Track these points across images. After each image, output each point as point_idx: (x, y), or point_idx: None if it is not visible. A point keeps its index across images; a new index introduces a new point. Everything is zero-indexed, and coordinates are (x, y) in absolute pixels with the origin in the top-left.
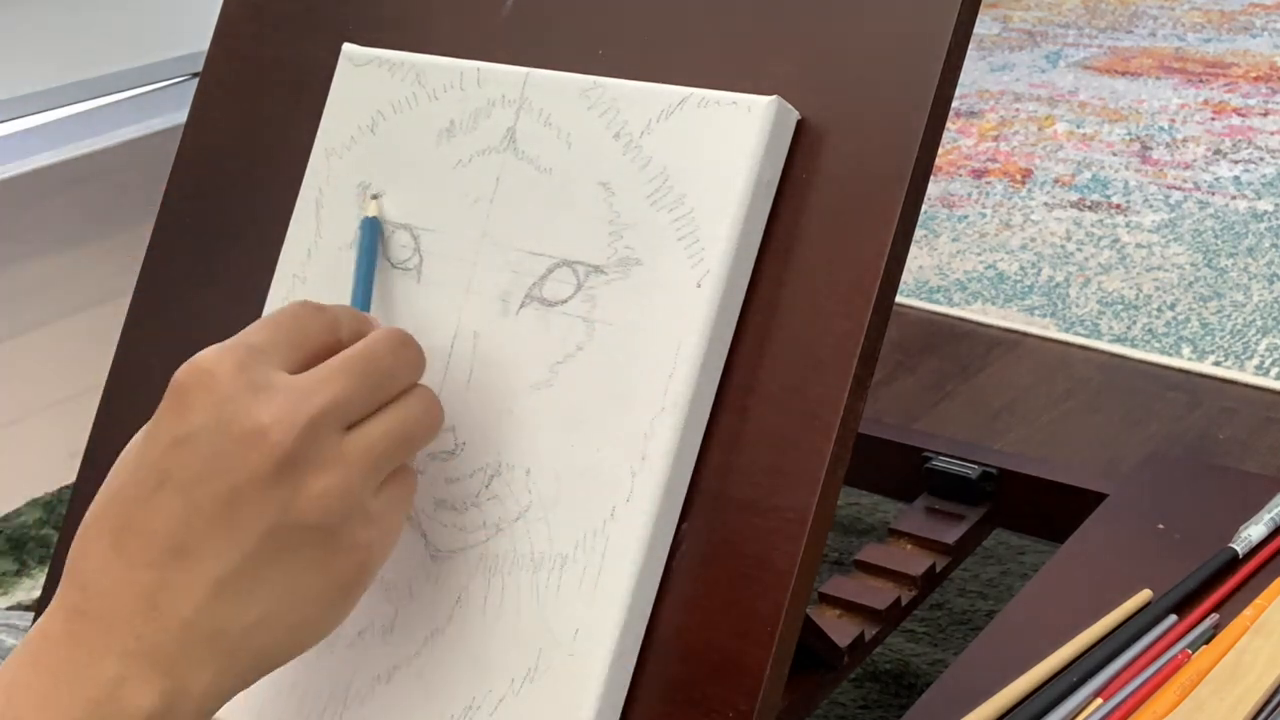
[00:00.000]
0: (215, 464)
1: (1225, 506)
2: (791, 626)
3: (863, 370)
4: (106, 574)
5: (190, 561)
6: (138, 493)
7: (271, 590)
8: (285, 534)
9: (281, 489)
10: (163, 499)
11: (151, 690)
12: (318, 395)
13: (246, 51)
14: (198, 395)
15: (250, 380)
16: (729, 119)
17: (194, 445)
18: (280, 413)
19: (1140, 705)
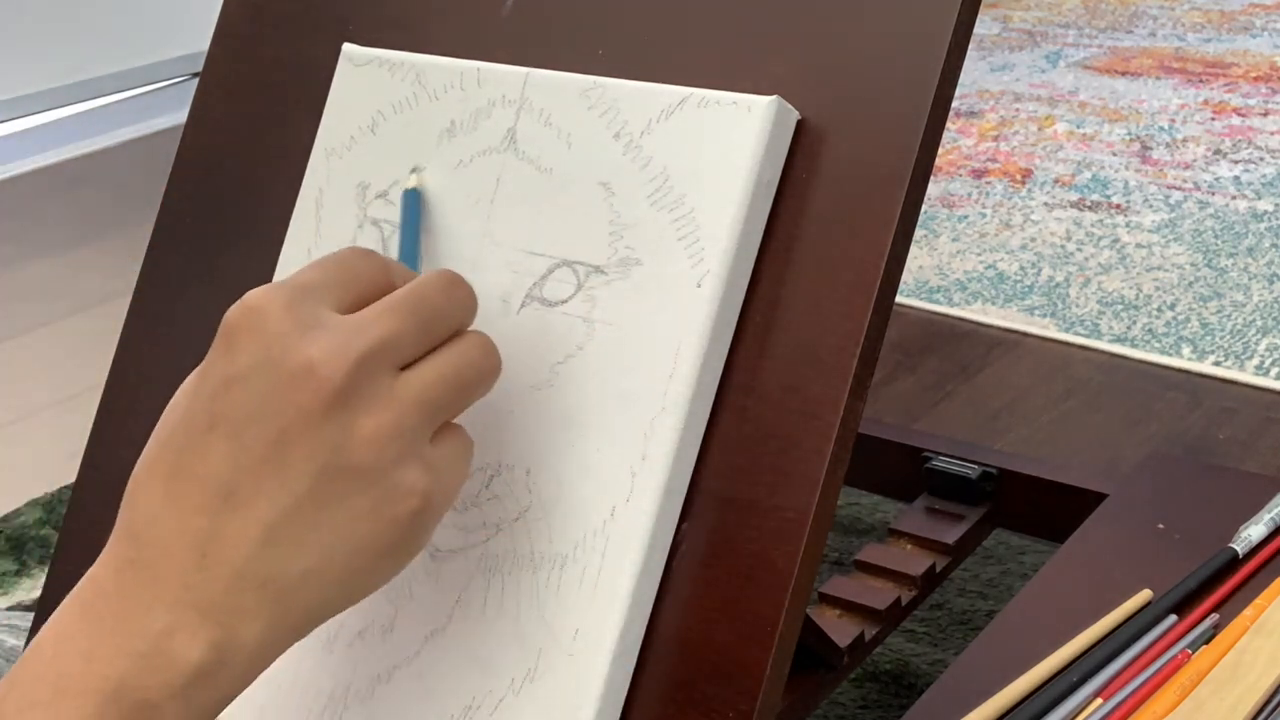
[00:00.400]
0: (264, 404)
1: (1225, 506)
2: (791, 626)
3: (863, 370)
4: (158, 522)
5: (241, 507)
6: (188, 437)
7: (323, 537)
8: (336, 476)
9: (332, 428)
10: (213, 442)
11: (200, 641)
12: (368, 333)
13: (246, 51)
14: (246, 335)
15: (299, 318)
16: (729, 119)
17: (243, 385)
18: (330, 349)
19: (1140, 705)
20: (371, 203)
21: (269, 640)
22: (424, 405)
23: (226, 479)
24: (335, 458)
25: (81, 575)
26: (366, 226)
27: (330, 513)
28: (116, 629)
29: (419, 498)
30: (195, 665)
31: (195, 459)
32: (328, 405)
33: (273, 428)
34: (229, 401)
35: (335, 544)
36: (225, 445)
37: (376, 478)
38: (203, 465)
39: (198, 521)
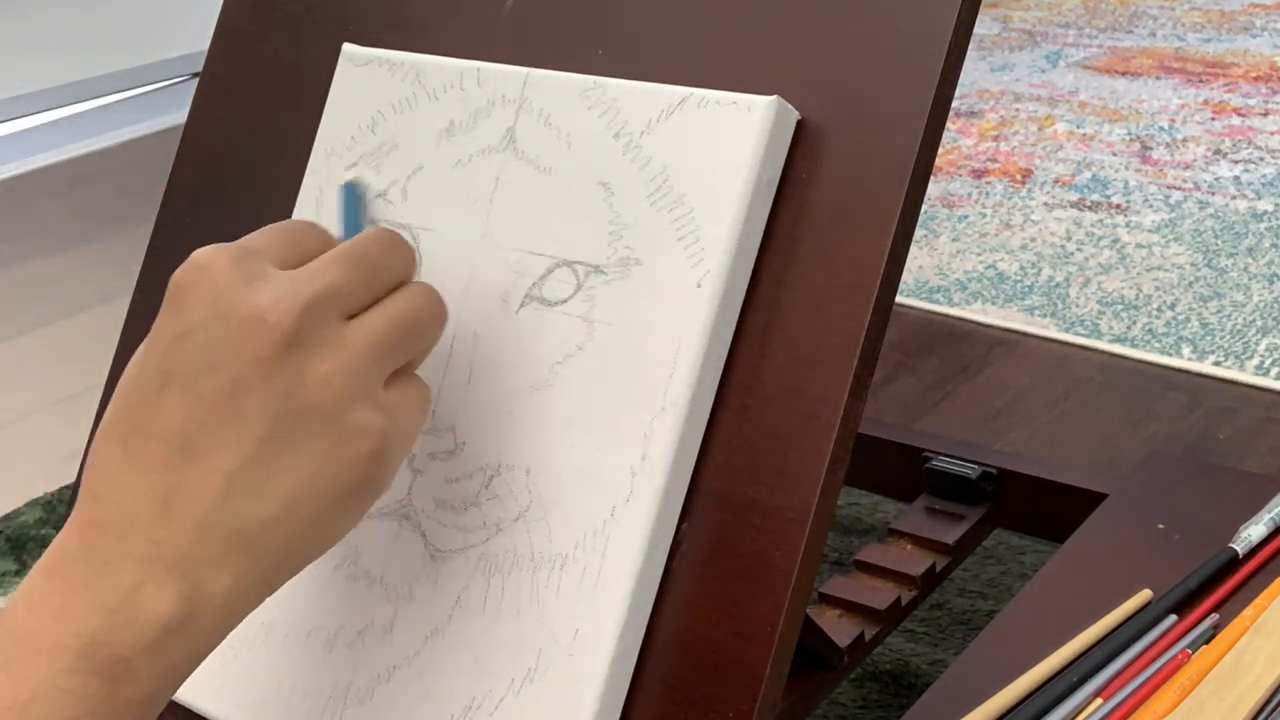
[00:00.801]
0: (216, 355)
1: (1225, 506)
2: (791, 626)
3: (863, 370)
4: (119, 482)
5: (200, 459)
6: (142, 395)
7: (284, 482)
8: (292, 420)
9: (285, 373)
10: (167, 398)
11: (169, 594)
12: (314, 282)
13: (246, 51)
14: (194, 291)
15: (246, 271)
16: (729, 119)
17: (193, 339)
18: (277, 297)
19: (1140, 705)
20: (372, 203)
21: (239, 590)
22: (374, 350)
23: (183, 432)
24: (289, 402)
25: None
26: (367, 226)
27: (289, 458)
28: (86, 586)
29: (375, 438)
30: (165, 618)
31: (151, 416)
32: (279, 351)
33: (225, 377)
34: (180, 356)
35: (297, 488)
36: (179, 399)
37: (332, 419)
38: (159, 421)
39: (159, 477)
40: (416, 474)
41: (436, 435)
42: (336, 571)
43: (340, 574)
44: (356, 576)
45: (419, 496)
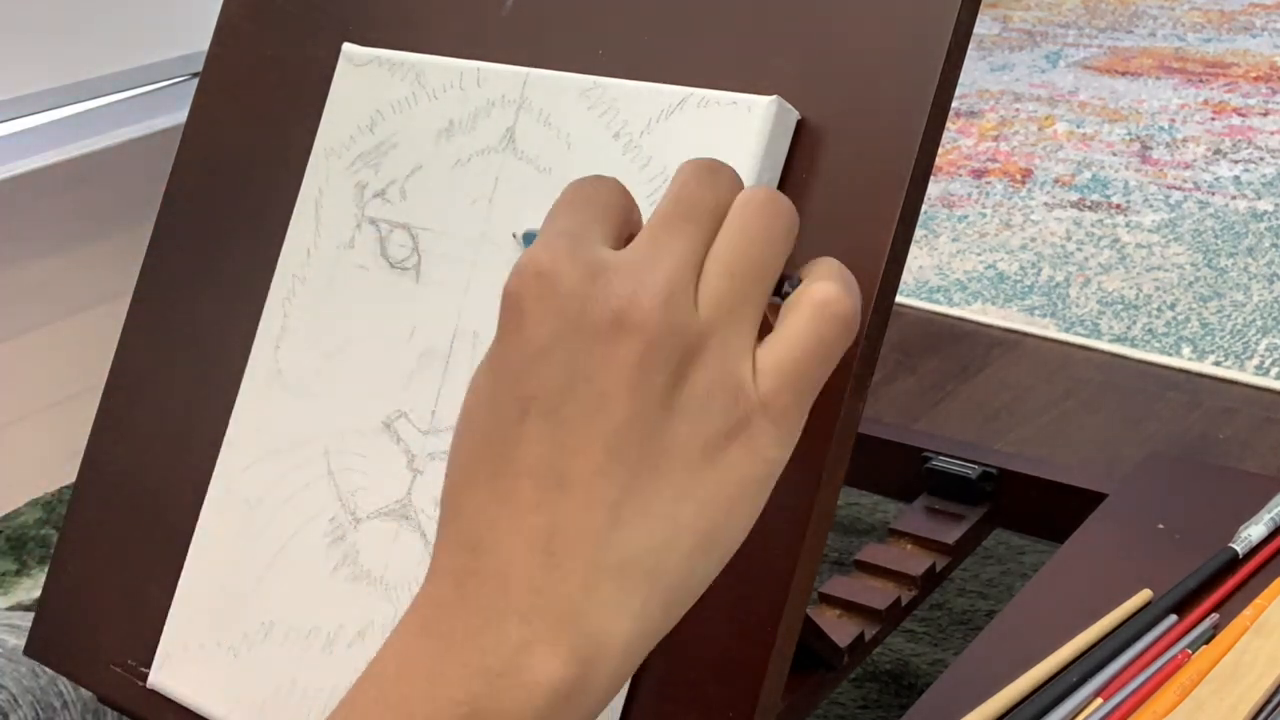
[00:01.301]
0: (577, 371)
1: (1225, 506)
2: (791, 626)
3: (863, 370)
4: (493, 527)
5: (578, 491)
6: (501, 430)
7: (669, 501)
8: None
9: (656, 377)
10: (530, 429)
11: (560, 654)
12: (661, 260)
13: (246, 51)
14: (537, 304)
15: (587, 267)
16: (729, 119)
17: (549, 358)
18: (631, 291)
19: (1140, 705)
20: (370, 202)
21: (637, 635)
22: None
23: (554, 464)
24: (663, 411)
25: (81, 575)
26: (365, 226)
27: (669, 474)
28: (465, 645)
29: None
30: (557, 682)
31: (514, 451)
32: (646, 353)
33: (591, 395)
34: (536, 380)
35: (683, 505)
36: (543, 428)
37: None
38: (525, 456)
39: (534, 519)
40: (416, 474)
41: (437, 435)
42: (336, 572)
43: (340, 574)
44: (357, 577)
45: (419, 496)
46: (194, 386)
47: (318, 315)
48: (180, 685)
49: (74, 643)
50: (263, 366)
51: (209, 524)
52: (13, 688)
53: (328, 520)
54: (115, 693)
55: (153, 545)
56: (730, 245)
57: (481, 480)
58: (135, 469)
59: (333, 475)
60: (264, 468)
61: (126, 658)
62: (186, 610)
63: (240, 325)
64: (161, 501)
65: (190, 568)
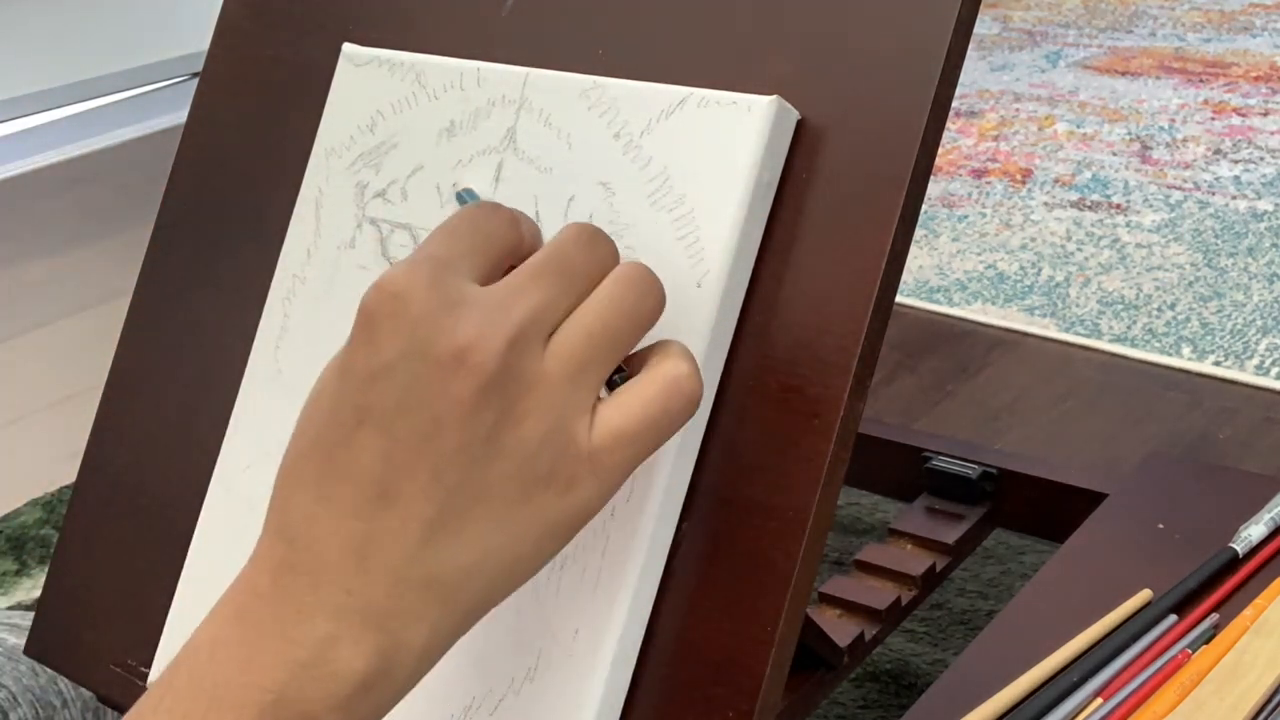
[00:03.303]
0: (415, 394)
1: (1225, 506)
2: (791, 626)
3: (863, 370)
4: (313, 524)
5: (396, 506)
6: (337, 434)
7: (481, 529)
8: (491, 464)
9: (485, 414)
10: (363, 438)
11: (364, 650)
12: (517, 307)
13: (246, 51)
14: (389, 321)
15: (444, 297)
16: (729, 119)
17: (391, 376)
18: (479, 330)
19: (1140, 705)
20: (370, 202)
21: (434, 642)
22: (575, 374)
23: (379, 476)
24: (489, 446)
25: (81, 575)
26: (365, 226)
27: (487, 504)
28: (276, 635)
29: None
30: (360, 675)
31: (345, 456)
32: (481, 391)
33: (424, 419)
34: (376, 394)
35: (494, 535)
36: (376, 440)
37: (532, 464)
38: (354, 463)
39: (353, 524)
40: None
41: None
42: None
43: None
44: None
45: None
46: (194, 386)
47: (318, 315)
48: None
49: (74, 642)
50: (263, 366)
51: (209, 524)
52: (12, 686)
53: None
54: (115, 692)
55: (153, 545)
56: (597, 310)
57: (309, 477)
58: (135, 469)
59: None
60: (264, 468)
61: (126, 657)
62: (186, 610)
63: (240, 325)
64: (161, 501)
65: (190, 568)
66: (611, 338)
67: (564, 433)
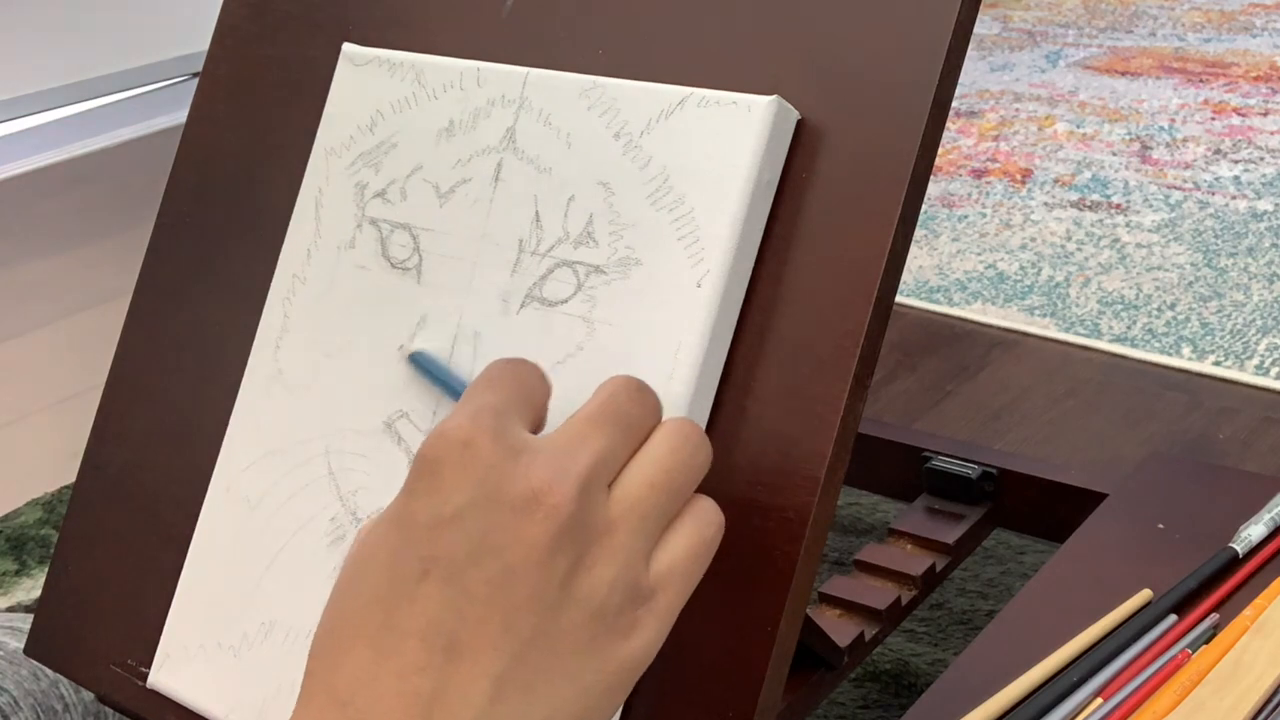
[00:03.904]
0: (487, 541)
1: (1225, 506)
2: (791, 626)
3: (863, 370)
4: (372, 685)
5: (466, 660)
6: (399, 588)
7: (553, 682)
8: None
9: (561, 560)
10: (429, 589)
11: None
12: (582, 453)
13: (246, 51)
14: (457, 470)
15: (510, 446)
16: (729, 119)
17: (459, 524)
18: (551, 474)
19: (1140, 705)
20: (370, 202)
21: None
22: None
23: (448, 629)
24: (562, 595)
25: (81, 575)
26: (365, 226)
27: (557, 655)
28: None
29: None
30: None
31: (408, 610)
32: (557, 536)
33: (497, 567)
34: (445, 544)
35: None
36: (443, 591)
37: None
38: (418, 617)
39: (418, 681)
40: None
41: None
42: (337, 572)
43: None
44: None
45: None
46: (194, 386)
47: (318, 315)
48: (180, 685)
49: (74, 643)
50: (263, 366)
51: (209, 524)
52: (14, 690)
53: (328, 520)
54: (115, 693)
55: (153, 545)
56: (656, 459)
57: (367, 634)
58: (135, 469)
59: (333, 475)
60: (264, 468)
61: (126, 658)
62: (186, 610)
63: (240, 325)
64: (161, 501)
65: (190, 568)
66: (672, 488)
67: (630, 580)
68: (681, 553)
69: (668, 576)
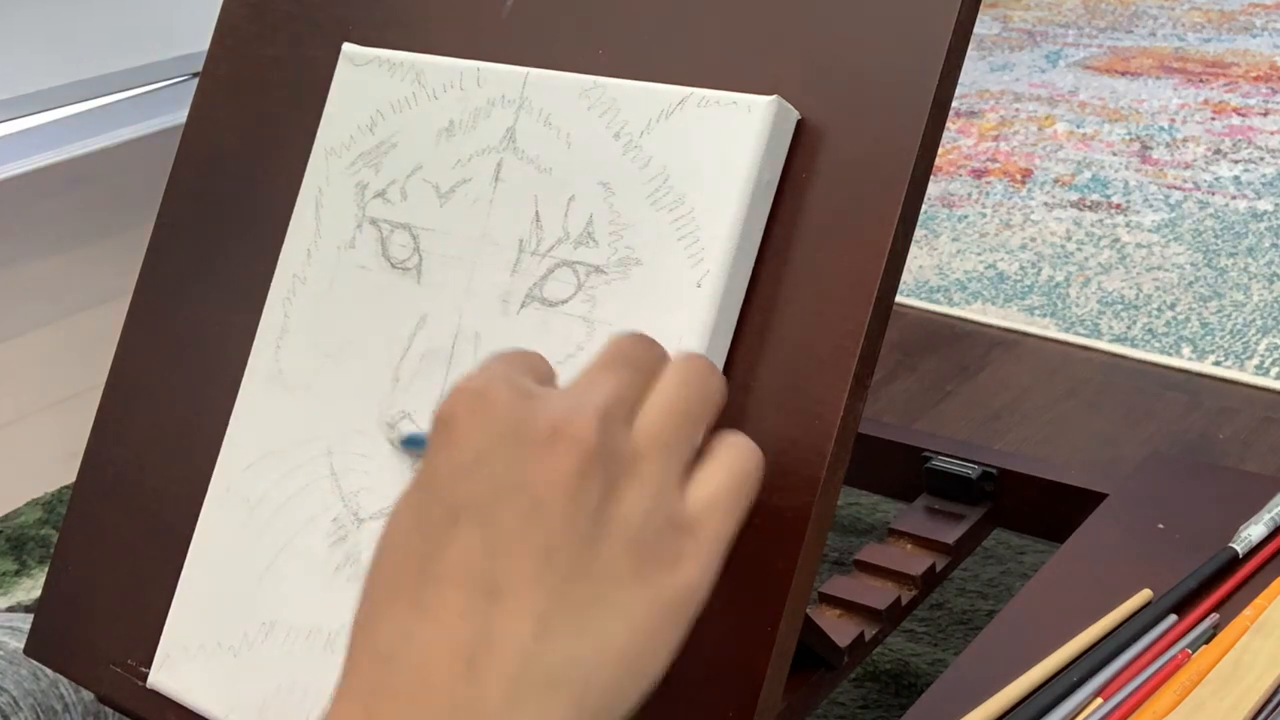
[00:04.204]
0: (512, 477)
1: (1225, 506)
2: (791, 626)
3: (863, 370)
4: (412, 640)
5: (508, 599)
6: (429, 539)
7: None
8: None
9: (591, 489)
10: (459, 535)
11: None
12: (596, 390)
13: (246, 51)
14: (473, 417)
15: (524, 389)
16: (729, 119)
17: (484, 464)
18: (567, 410)
19: (1140, 705)
20: (370, 202)
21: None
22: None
23: (484, 571)
24: (596, 525)
25: (81, 575)
26: (365, 226)
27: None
28: None
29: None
30: None
31: (443, 557)
32: (583, 465)
33: (525, 501)
34: (469, 487)
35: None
36: (475, 533)
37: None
38: (453, 563)
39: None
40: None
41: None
42: (338, 572)
43: (342, 575)
44: (358, 577)
45: None
46: (194, 386)
47: (318, 315)
48: (180, 685)
49: (74, 643)
50: (263, 366)
51: (209, 524)
52: (14, 690)
53: (330, 520)
54: (115, 693)
55: (153, 545)
56: (669, 391)
57: (404, 592)
58: (135, 469)
59: (335, 475)
60: (265, 468)
61: (126, 658)
62: (186, 610)
63: (240, 325)
64: (161, 501)
65: (190, 568)
66: (692, 414)
67: (664, 507)
68: (718, 485)
69: (708, 509)
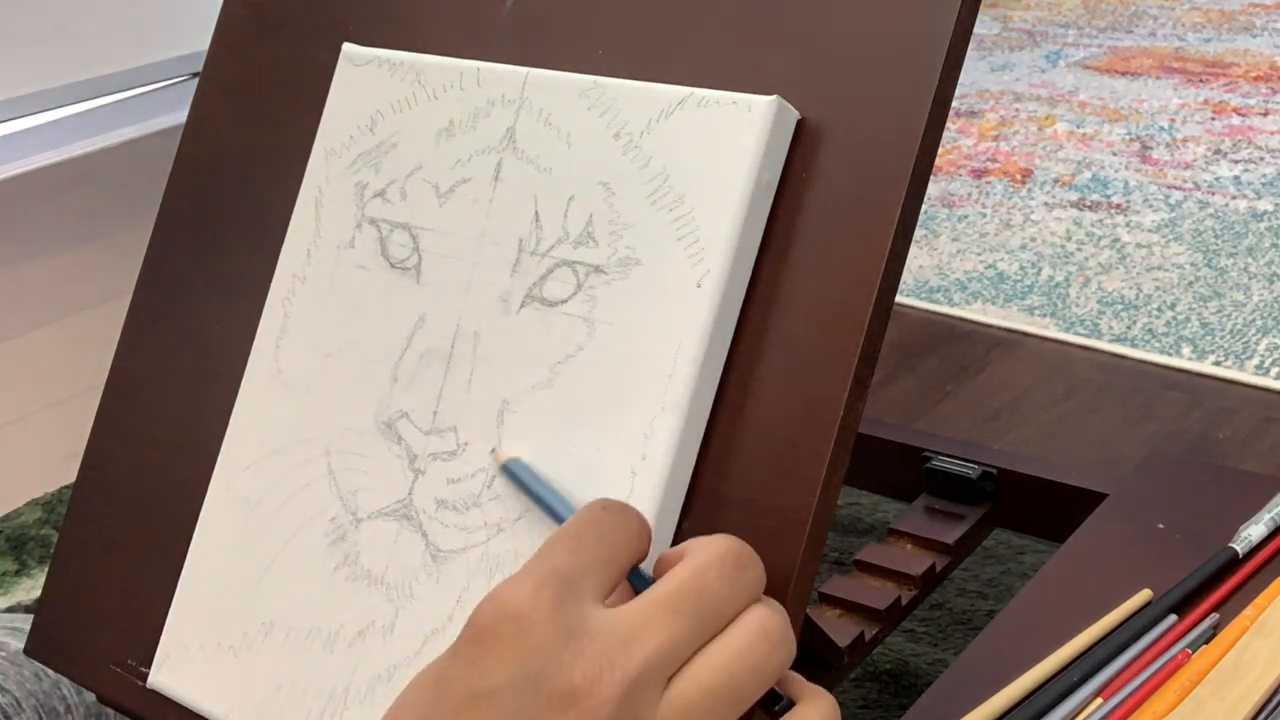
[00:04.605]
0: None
1: (1225, 506)
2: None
3: (863, 370)
4: None
5: None
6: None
7: None
8: None
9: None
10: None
11: None
12: (640, 644)
13: (246, 51)
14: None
15: (565, 625)
16: (729, 119)
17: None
18: (600, 669)
19: (1140, 705)
20: (370, 202)
21: None
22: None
23: None
24: None
25: (81, 575)
26: (365, 226)
27: None
28: None
29: None
30: None
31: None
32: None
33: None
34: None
35: None
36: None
37: None
38: None
39: None
40: (418, 474)
41: (438, 435)
42: (337, 572)
43: (341, 574)
44: (357, 577)
45: (420, 497)
46: (194, 386)
47: (318, 315)
48: (180, 685)
49: (74, 643)
50: (263, 366)
51: (209, 524)
52: (16, 691)
53: (328, 520)
54: (115, 693)
55: (153, 545)
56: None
57: None
58: (135, 469)
59: (333, 475)
60: (264, 468)
61: (126, 658)
62: (186, 610)
63: (240, 325)
64: (161, 501)
65: (190, 568)
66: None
67: None
68: None
69: None
